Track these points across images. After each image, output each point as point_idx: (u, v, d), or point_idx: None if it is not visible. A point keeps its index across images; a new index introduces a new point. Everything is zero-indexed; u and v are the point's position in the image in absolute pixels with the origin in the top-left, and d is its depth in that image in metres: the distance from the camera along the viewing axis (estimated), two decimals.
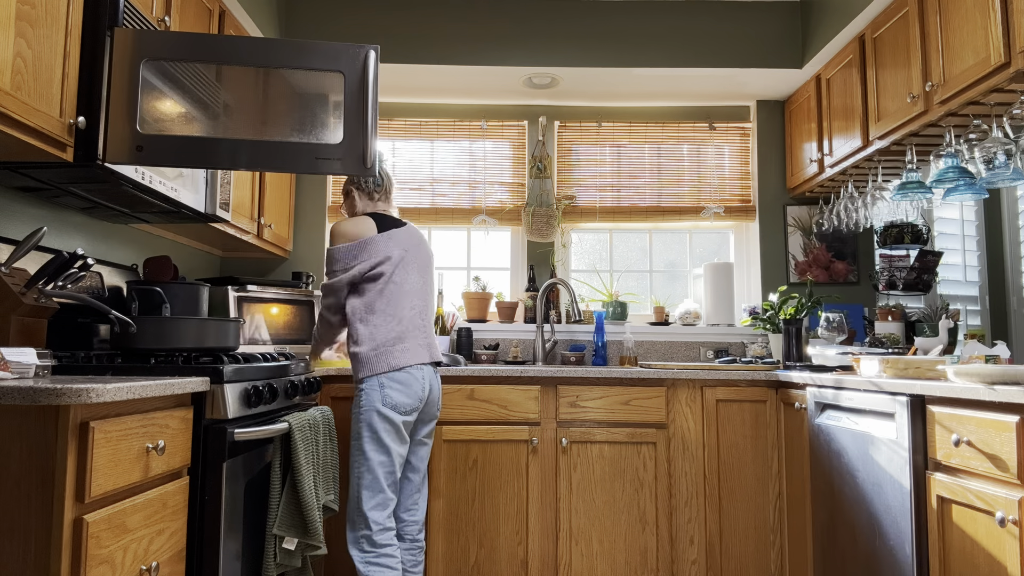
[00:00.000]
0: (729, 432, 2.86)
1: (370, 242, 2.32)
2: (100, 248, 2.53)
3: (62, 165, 1.81)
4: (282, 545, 2.01)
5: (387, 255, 2.33)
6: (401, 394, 2.26)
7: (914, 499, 1.92)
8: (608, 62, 3.34)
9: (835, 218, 3.25)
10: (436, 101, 3.76)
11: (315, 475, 2.14)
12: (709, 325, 3.58)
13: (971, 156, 2.43)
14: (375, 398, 2.24)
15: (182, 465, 1.69)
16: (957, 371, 1.77)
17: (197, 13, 2.47)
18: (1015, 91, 2.18)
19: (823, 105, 3.23)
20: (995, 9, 2.09)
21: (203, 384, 1.73)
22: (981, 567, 1.68)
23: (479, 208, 3.71)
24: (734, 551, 2.81)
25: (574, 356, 3.35)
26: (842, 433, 2.32)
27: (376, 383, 2.25)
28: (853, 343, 3.19)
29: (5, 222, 2.07)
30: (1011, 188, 3.65)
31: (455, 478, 2.82)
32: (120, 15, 1.83)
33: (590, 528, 2.80)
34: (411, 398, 2.28)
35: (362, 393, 2.27)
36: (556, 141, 3.78)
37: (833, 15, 3.02)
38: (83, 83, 1.81)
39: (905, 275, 3.18)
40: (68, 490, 1.29)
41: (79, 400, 1.26)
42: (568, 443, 2.83)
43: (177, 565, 1.66)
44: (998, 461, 1.63)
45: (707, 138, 3.78)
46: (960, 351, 2.17)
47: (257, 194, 3.08)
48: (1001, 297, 3.68)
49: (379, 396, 2.24)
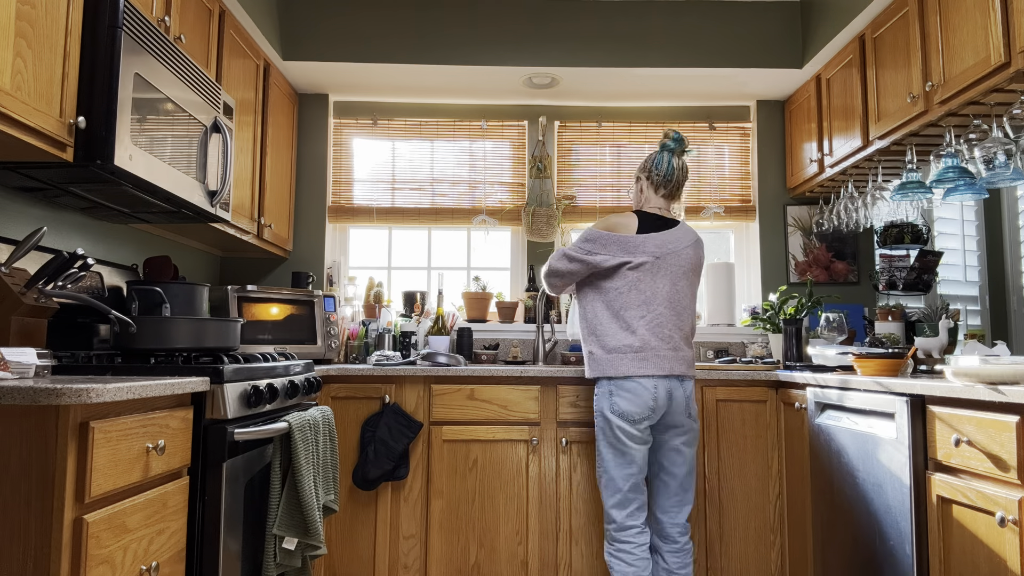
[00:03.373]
0: (729, 432, 2.86)
1: (624, 240, 2.33)
2: (100, 248, 2.53)
3: (62, 165, 1.81)
4: (282, 545, 2.01)
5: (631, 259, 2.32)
6: (629, 403, 2.30)
7: (914, 499, 1.92)
8: (608, 62, 3.34)
9: (835, 218, 3.25)
10: (436, 101, 3.76)
11: (315, 475, 2.14)
12: (709, 325, 3.58)
13: (971, 156, 2.43)
14: (604, 404, 2.33)
15: (182, 465, 1.69)
16: (956, 371, 1.77)
17: (197, 13, 2.47)
18: (1015, 91, 2.18)
19: (823, 105, 3.23)
20: (995, 9, 2.09)
21: (203, 384, 1.73)
22: (981, 567, 1.68)
23: (479, 208, 3.71)
24: (734, 551, 2.81)
25: (574, 356, 3.35)
26: (842, 433, 2.32)
27: (606, 390, 2.34)
28: (853, 343, 3.19)
29: (5, 222, 2.08)
30: (1011, 188, 3.65)
31: (455, 478, 2.82)
32: (120, 15, 1.83)
33: (590, 528, 2.80)
34: (639, 407, 2.29)
35: (596, 398, 2.38)
36: (556, 141, 3.78)
37: (833, 15, 3.02)
38: (83, 83, 1.81)
39: (905, 275, 3.18)
40: (68, 490, 1.29)
41: (79, 400, 1.26)
42: (568, 443, 2.83)
43: (177, 565, 1.66)
44: (998, 461, 1.63)
45: (707, 138, 3.78)
46: (960, 351, 2.17)
47: (257, 194, 3.08)
48: (1001, 297, 3.68)
49: (608, 403, 2.32)
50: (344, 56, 3.30)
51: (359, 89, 3.62)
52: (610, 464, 2.33)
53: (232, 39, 2.77)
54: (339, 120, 3.75)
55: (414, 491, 2.82)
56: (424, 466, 2.83)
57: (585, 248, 2.37)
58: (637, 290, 2.32)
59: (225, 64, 2.70)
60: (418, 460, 2.83)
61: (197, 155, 2.26)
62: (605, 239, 2.34)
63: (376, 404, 2.86)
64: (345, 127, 3.75)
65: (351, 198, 3.72)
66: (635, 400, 2.28)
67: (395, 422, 2.78)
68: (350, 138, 3.75)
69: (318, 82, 3.53)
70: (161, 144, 2.04)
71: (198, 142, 2.27)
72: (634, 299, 2.31)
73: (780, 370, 2.85)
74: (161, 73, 2.03)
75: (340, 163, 3.74)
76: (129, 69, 1.86)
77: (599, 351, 2.34)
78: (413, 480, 2.83)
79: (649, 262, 2.32)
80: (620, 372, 2.29)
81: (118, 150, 1.82)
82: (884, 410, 2.07)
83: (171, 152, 2.09)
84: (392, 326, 3.38)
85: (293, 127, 3.58)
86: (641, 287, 2.32)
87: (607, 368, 2.31)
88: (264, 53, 3.15)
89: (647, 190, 2.48)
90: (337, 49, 3.30)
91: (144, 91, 1.94)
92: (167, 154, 2.07)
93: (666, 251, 2.34)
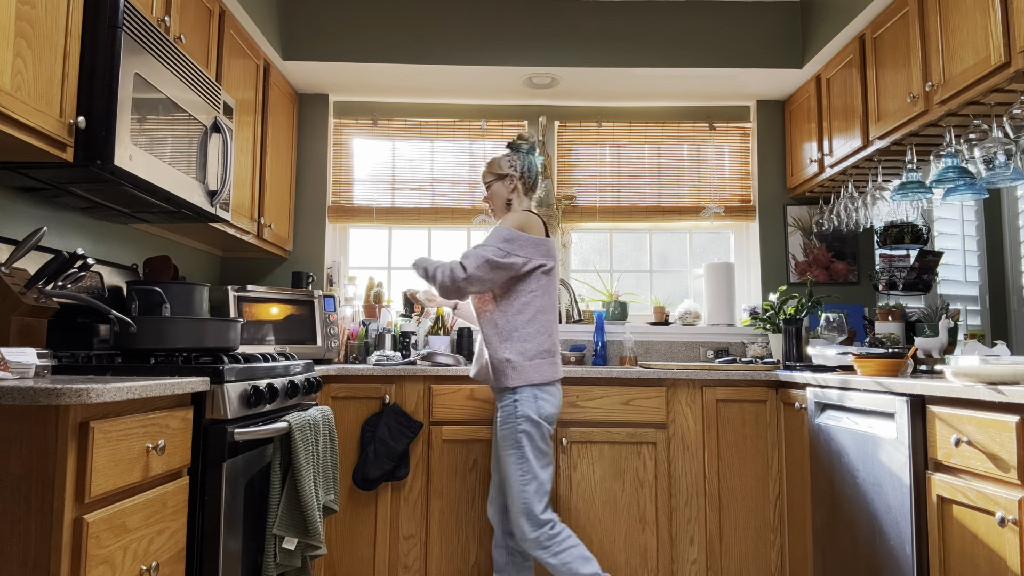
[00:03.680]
0: (729, 432, 2.86)
1: (545, 244, 2.33)
2: (100, 248, 2.53)
3: (62, 165, 1.81)
4: (282, 545, 2.01)
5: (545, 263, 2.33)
6: (551, 404, 2.34)
7: (914, 499, 1.92)
8: (608, 62, 3.34)
9: (835, 218, 3.25)
10: (436, 101, 3.76)
11: (315, 475, 2.14)
12: (709, 325, 3.58)
13: (971, 156, 2.43)
14: (529, 409, 2.30)
15: (182, 465, 1.69)
16: (956, 371, 1.77)
17: (197, 13, 2.47)
18: (1015, 91, 2.18)
19: (823, 105, 3.23)
20: (995, 9, 2.09)
21: (203, 384, 1.73)
22: (981, 567, 1.68)
23: (479, 208, 3.71)
24: (734, 551, 2.81)
25: (574, 356, 3.35)
26: (842, 433, 2.32)
27: (531, 394, 2.31)
28: (853, 343, 3.19)
29: (5, 222, 2.08)
30: (1011, 188, 3.65)
31: (455, 478, 2.82)
32: (120, 15, 1.83)
33: (590, 528, 2.80)
34: (556, 408, 2.37)
35: (517, 404, 2.31)
36: (556, 141, 3.78)
37: (833, 15, 3.02)
38: (83, 83, 1.81)
39: (905, 275, 3.18)
40: (68, 490, 1.29)
41: (79, 400, 1.26)
42: (568, 443, 2.83)
43: (177, 565, 1.66)
44: (998, 461, 1.63)
45: (707, 138, 3.78)
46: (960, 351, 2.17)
47: (257, 194, 3.08)
48: (1001, 297, 3.68)
49: (534, 407, 2.30)
50: (344, 56, 3.30)
51: (359, 89, 3.62)
52: (537, 468, 2.30)
53: (232, 39, 2.77)
54: (339, 120, 3.75)
55: (414, 491, 2.82)
56: (424, 466, 2.83)
57: (506, 249, 2.29)
58: (548, 294, 2.34)
59: (225, 64, 2.70)
60: (418, 460, 2.83)
61: (197, 155, 2.26)
62: (524, 240, 2.30)
63: (376, 404, 2.86)
64: (345, 127, 3.75)
65: (351, 198, 3.72)
66: (554, 401, 2.36)
67: (395, 422, 2.78)
68: (350, 138, 3.75)
69: (318, 82, 3.53)
70: (161, 144, 2.04)
71: (198, 142, 2.27)
72: (546, 303, 2.34)
73: (780, 370, 2.85)
74: (161, 73, 2.03)
75: (340, 163, 3.74)
76: (129, 69, 1.86)
77: (519, 358, 2.30)
78: (413, 480, 2.83)
79: (554, 266, 2.36)
80: (545, 378, 2.31)
81: (118, 150, 1.82)
82: (884, 410, 2.07)
83: (171, 152, 2.09)
84: (392, 326, 3.38)
85: (293, 127, 3.58)
86: (550, 291, 2.35)
87: (532, 375, 2.30)
88: (264, 53, 3.15)
89: (521, 192, 2.45)
90: (337, 49, 3.30)
91: (144, 91, 1.94)
92: (167, 154, 2.07)
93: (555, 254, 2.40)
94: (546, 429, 2.33)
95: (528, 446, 2.30)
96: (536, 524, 2.27)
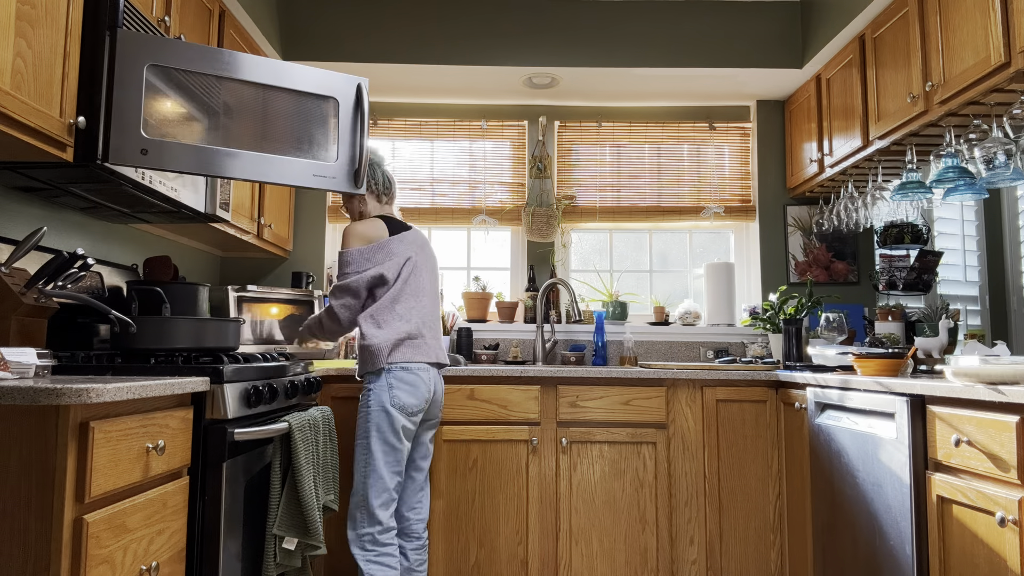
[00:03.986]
0: (729, 432, 2.86)
1: (384, 245, 2.34)
2: (100, 248, 2.53)
3: (62, 165, 1.81)
4: (282, 545, 2.01)
5: (401, 258, 2.35)
6: (408, 395, 2.27)
7: (914, 499, 1.92)
8: (608, 62, 3.34)
9: (835, 218, 3.25)
10: (436, 101, 3.76)
11: (315, 475, 2.14)
12: (709, 325, 3.58)
13: (971, 156, 2.43)
14: (384, 398, 2.25)
15: (182, 465, 1.69)
16: (956, 371, 1.77)
17: (197, 13, 2.47)
18: (1015, 91, 2.18)
19: (823, 105, 3.23)
20: (995, 9, 2.09)
21: (203, 384, 1.73)
22: (981, 567, 1.68)
23: (479, 208, 3.71)
24: (734, 551, 2.81)
25: (574, 356, 3.35)
26: (842, 433, 2.32)
27: (384, 383, 2.26)
28: (853, 343, 3.19)
29: (5, 222, 2.08)
30: (1011, 188, 3.65)
31: (455, 478, 2.82)
32: (120, 15, 1.83)
33: (590, 528, 2.80)
34: (417, 399, 2.29)
35: (370, 393, 2.28)
36: (556, 141, 3.78)
37: (833, 15, 3.02)
38: (83, 83, 1.81)
39: (905, 275, 3.18)
40: (68, 490, 1.29)
41: (79, 400, 1.26)
42: (568, 443, 2.83)
43: (177, 565, 1.66)
44: (998, 461, 1.63)
45: (707, 138, 3.78)
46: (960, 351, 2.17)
47: (257, 194, 3.08)
48: (1001, 297, 3.68)
49: (387, 396, 2.25)
50: (344, 56, 3.30)
51: None
52: (380, 462, 2.24)
53: (232, 39, 2.77)
54: None
55: None
56: None
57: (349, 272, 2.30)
58: (407, 281, 2.35)
59: None
60: None
61: None
62: (357, 255, 2.32)
63: None
64: None
65: None
66: (414, 392, 2.28)
67: None
68: None
69: None
70: None
71: None
72: (406, 290, 2.35)
73: (780, 370, 2.85)
74: None
75: None
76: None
77: (376, 342, 2.27)
78: None
79: (413, 257, 2.38)
80: (406, 357, 2.28)
81: None
82: (884, 410, 2.07)
83: None
84: None
85: None
86: (411, 281, 2.37)
87: (390, 359, 2.27)
88: (264, 53, 3.15)
89: (369, 202, 2.48)
90: (337, 49, 3.30)
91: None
92: None
93: (419, 247, 2.43)
94: (399, 421, 2.25)
95: (375, 438, 2.24)
96: (371, 521, 2.23)
